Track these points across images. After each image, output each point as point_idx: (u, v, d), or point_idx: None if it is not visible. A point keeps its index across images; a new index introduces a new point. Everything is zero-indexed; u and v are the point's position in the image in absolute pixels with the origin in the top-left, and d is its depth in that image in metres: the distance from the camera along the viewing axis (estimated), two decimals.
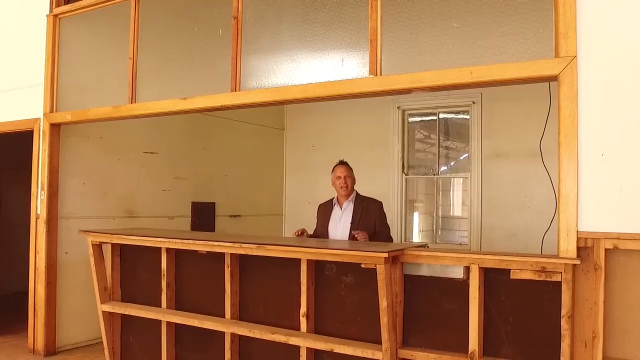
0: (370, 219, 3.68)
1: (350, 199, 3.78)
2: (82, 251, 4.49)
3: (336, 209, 3.82)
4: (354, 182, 3.81)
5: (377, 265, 2.58)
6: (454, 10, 2.70)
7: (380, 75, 2.81)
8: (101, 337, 4.51)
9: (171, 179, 5.37)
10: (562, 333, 2.37)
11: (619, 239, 2.29)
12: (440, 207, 6.43)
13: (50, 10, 4.39)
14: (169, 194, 5.34)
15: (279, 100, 3.19)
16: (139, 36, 3.86)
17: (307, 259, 2.94)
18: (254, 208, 6.38)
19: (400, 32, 2.83)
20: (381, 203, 3.80)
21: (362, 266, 2.65)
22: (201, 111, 3.75)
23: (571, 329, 2.36)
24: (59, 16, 4.36)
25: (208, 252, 3.22)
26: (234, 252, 3.15)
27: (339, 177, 3.75)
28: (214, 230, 5.72)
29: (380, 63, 2.82)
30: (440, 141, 6.16)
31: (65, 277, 4.43)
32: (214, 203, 5.81)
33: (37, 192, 4.37)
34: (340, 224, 3.76)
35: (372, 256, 2.59)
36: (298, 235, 3.69)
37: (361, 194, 3.86)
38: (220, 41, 3.43)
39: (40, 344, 4.29)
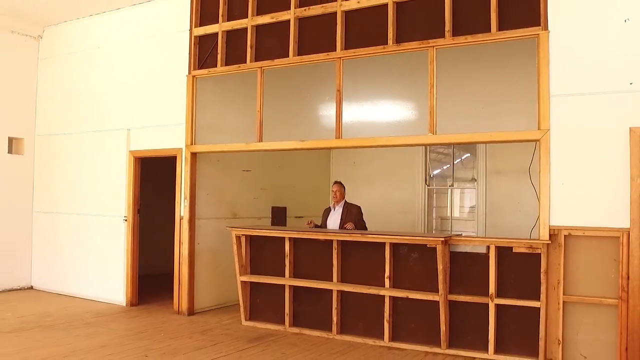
0: (351, 217, 5.74)
1: (340, 204, 5.96)
2: (207, 242, 6.40)
3: (332, 210, 6.00)
4: (342, 194, 6.00)
5: (437, 245, 4.52)
6: (480, 98, 4.66)
7: (435, 134, 4.75)
8: (223, 303, 6.49)
9: (259, 189, 7.28)
10: (541, 281, 4.32)
11: (571, 229, 4.25)
12: (451, 210, 8.42)
13: (189, 72, 6.27)
14: (257, 201, 7.25)
15: (371, 145, 5.16)
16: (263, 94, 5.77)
17: (390, 242, 4.87)
18: (310, 211, 8.28)
19: (447, 108, 4.77)
20: (359, 207, 5.89)
21: (428, 246, 4.60)
22: (312, 149, 5.66)
23: (546, 279, 4.31)
24: (196, 76, 6.24)
25: (325, 240, 5.14)
26: (340, 239, 5.08)
27: (333, 191, 6.01)
28: None
29: (436, 127, 4.75)
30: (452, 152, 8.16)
31: (197, 260, 6.31)
32: (286, 207, 7.72)
33: (181, 200, 6.25)
34: (332, 219, 5.94)
35: (434, 240, 4.54)
36: (309, 224, 5.78)
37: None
38: (327, 103, 5.35)
39: (184, 307, 6.16)
